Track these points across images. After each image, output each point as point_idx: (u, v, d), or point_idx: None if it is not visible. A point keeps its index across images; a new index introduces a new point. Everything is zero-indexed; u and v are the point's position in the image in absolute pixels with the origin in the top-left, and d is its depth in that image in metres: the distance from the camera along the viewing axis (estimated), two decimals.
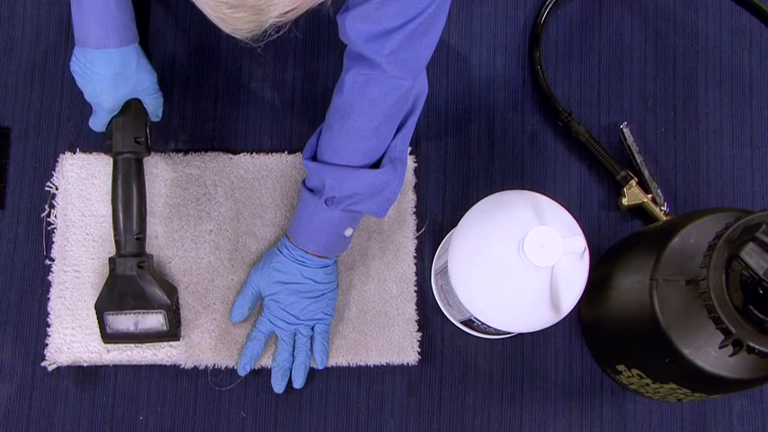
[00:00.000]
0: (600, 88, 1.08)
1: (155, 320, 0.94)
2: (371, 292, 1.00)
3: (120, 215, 0.93)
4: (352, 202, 0.90)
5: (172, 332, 0.95)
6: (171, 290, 0.96)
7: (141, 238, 0.94)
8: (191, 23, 1.06)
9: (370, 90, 0.85)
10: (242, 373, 0.97)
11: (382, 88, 0.85)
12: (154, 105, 0.96)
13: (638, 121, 1.07)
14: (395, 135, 0.90)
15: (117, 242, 0.94)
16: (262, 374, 0.98)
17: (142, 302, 0.93)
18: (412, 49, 0.83)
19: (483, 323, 0.89)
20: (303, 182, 0.94)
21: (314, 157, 0.92)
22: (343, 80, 0.87)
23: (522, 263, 0.81)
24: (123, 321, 0.94)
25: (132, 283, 0.93)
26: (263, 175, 1.02)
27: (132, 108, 0.94)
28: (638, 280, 0.84)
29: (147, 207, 0.96)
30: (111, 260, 0.94)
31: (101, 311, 0.94)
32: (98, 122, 0.95)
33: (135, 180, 0.94)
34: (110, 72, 0.90)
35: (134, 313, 0.94)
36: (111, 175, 0.94)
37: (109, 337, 0.95)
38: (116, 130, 0.94)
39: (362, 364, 0.99)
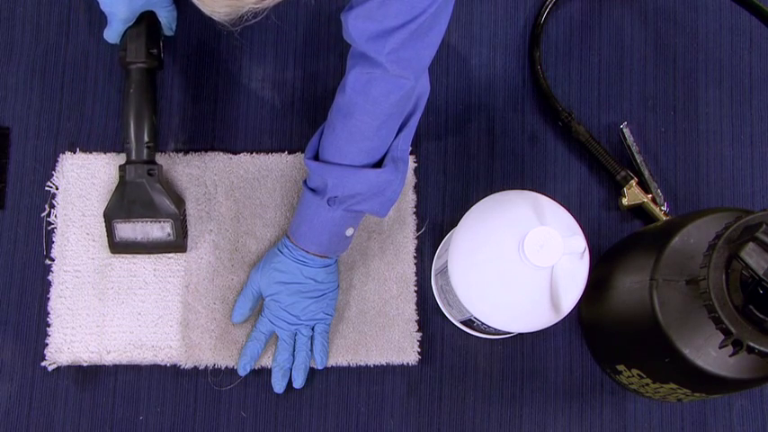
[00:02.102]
0: (600, 88, 1.08)
1: (162, 229, 0.95)
2: (371, 292, 1.00)
3: (132, 123, 0.94)
4: (355, 201, 0.90)
5: (178, 242, 0.96)
6: (179, 200, 0.97)
7: (152, 147, 0.94)
8: (191, 23, 1.06)
9: (372, 89, 0.85)
10: (242, 373, 0.97)
11: (385, 87, 0.85)
12: (168, 18, 0.98)
13: (638, 121, 1.07)
14: (396, 135, 0.90)
15: (127, 150, 0.94)
16: (262, 374, 0.98)
17: (150, 211, 0.94)
18: (413, 48, 0.83)
19: (483, 323, 0.89)
20: (304, 182, 0.94)
21: (316, 157, 0.92)
22: (345, 79, 0.87)
23: (522, 263, 0.81)
24: (131, 230, 0.95)
25: (141, 190, 0.94)
26: (263, 175, 1.02)
27: (146, 20, 0.96)
28: (638, 280, 0.84)
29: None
30: (121, 167, 0.94)
31: (109, 219, 0.94)
32: (112, 33, 0.96)
33: (147, 90, 0.95)
34: None
35: (142, 221, 0.94)
36: (123, 87, 0.95)
37: (117, 246, 0.96)
38: (130, 41, 0.95)
39: (362, 364, 0.99)
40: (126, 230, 0.95)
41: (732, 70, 1.09)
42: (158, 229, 0.95)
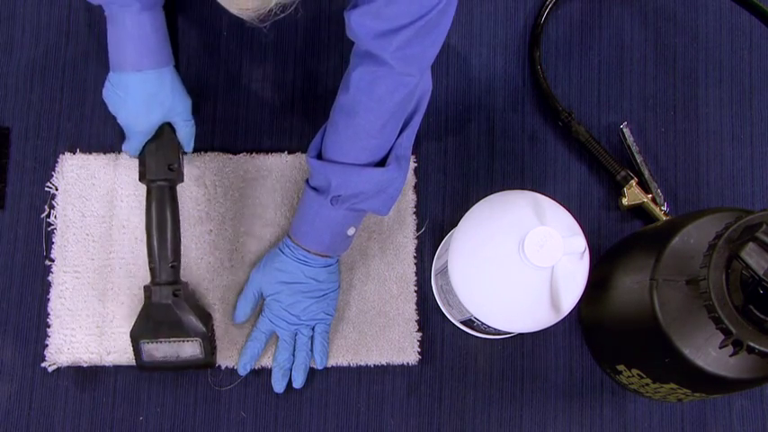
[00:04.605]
0: (600, 88, 1.08)
1: (191, 348, 0.94)
2: (371, 292, 1.00)
3: (155, 243, 0.93)
4: (358, 200, 0.90)
5: (207, 359, 0.94)
6: (206, 317, 0.96)
7: (176, 266, 0.93)
8: (190, 24, 1.06)
9: (377, 87, 0.85)
10: (242, 372, 0.97)
11: (389, 85, 0.85)
12: (186, 133, 0.97)
13: (638, 121, 1.07)
14: (399, 133, 0.90)
15: (152, 270, 0.93)
16: (262, 374, 0.98)
17: (178, 331, 0.93)
18: (420, 45, 0.83)
19: (483, 323, 0.89)
20: (306, 181, 0.93)
21: (318, 156, 0.92)
22: (349, 78, 0.87)
23: (522, 263, 0.81)
24: (159, 349, 0.93)
25: (168, 311, 0.93)
26: (263, 175, 1.02)
27: (165, 133, 0.95)
28: (638, 280, 0.84)
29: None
30: (147, 288, 0.94)
31: (136, 339, 0.93)
32: (132, 147, 0.95)
33: (169, 207, 0.93)
34: (145, 94, 0.91)
35: (170, 341, 0.93)
36: (145, 204, 0.94)
37: (144, 364, 0.94)
38: (149, 156, 0.94)
39: (362, 364, 0.99)
40: (153, 350, 0.94)
41: (732, 70, 1.09)
42: (187, 349, 0.94)
